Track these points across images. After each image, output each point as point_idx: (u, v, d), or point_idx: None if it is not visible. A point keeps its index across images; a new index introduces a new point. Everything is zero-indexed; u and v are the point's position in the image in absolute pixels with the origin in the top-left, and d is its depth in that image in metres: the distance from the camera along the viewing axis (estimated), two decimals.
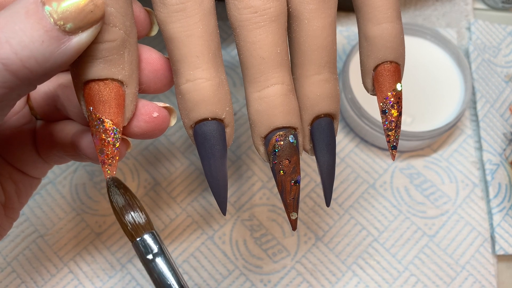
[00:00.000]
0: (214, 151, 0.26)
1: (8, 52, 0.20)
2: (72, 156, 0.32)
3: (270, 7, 0.25)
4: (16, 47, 0.20)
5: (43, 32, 0.21)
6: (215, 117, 0.26)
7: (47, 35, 0.21)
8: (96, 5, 0.22)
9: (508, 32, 0.52)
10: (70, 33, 0.21)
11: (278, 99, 0.26)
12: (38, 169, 0.34)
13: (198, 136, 0.26)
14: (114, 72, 0.24)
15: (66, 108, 0.31)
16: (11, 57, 0.20)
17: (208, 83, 0.25)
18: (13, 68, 0.21)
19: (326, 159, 0.28)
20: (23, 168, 0.33)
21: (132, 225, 0.24)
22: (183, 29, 0.25)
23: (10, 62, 0.20)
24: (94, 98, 0.24)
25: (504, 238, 0.44)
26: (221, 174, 0.26)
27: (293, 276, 0.42)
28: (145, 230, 0.24)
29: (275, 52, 0.25)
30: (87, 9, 0.21)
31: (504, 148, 0.47)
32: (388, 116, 0.28)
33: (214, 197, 0.27)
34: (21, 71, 0.21)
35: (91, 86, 0.24)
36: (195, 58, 0.25)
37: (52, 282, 0.41)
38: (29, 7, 0.21)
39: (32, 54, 0.21)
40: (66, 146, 0.32)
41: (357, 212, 0.45)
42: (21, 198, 0.33)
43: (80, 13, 0.21)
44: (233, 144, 0.47)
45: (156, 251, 0.24)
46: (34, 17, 0.20)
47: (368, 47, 0.28)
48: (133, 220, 0.24)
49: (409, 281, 0.42)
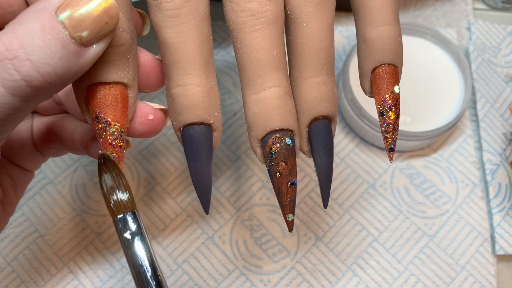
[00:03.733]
0: (200, 154, 0.26)
1: (29, 69, 0.21)
2: (71, 149, 0.33)
3: (267, 10, 0.25)
4: (37, 64, 0.21)
5: (61, 47, 0.21)
6: (203, 122, 0.26)
7: (65, 50, 0.21)
8: (110, 17, 0.22)
9: (508, 32, 0.52)
10: (86, 45, 0.22)
11: (275, 102, 0.26)
12: (34, 163, 0.34)
13: (185, 138, 0.27)
14: (121, 76, 0.25)
15: (64, 103, 0.32)
16: (33, 74, 0.21)
17: (198, 89, 0.26)
18: (35, 83, 0.21)
19: (323, 161, 0.28)
20: (20, 162, 0.34)
21: (115, 203, 0.24)
22: (177, 34, 0.25)
23: (32, 78, 0.21)
24: (101, 101, 0.25)
25: (504, 238, 0.44)
26: (205, 176, 0.27)
27: (293, 276, 0.42)
28: (127, 209, 0.24)
29: (272, 55, 0.25)
30: (102, 21, 0.22)
31: (504, 148, 0.47)
32: (385, 118, 0.28)
33: (198, 197, 0.27)
34: (42, 85, 0.21)
35: (97, 89, 0.25)
36: (187, 64, 0.25)
37: (52, 282, 0.41)
38: (45, 21, 0.21)
39: (52, 70, 0.21)
40: (65, 140, 0.32)
41: (357, 212, 0.45)
42: (17, 192, 0.34)
43: (95, 26, 0.21)
44: (233, 144, 0.47)
45: (134, 230, 0.24)
46: (51, 32, 0.21)
47: (366, 50, 0.28)
48: (117, 198, 0.24)
49: (409, 281, 0.42)
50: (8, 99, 0.21)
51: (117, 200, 0.25)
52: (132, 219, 0.25)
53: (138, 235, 0.24)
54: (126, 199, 0.25)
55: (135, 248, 0.24)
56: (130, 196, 0.25)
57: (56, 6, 0.21)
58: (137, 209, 0.25)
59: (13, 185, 0.33)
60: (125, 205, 0.25)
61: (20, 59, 0.21)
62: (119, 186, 0.25)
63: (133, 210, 0.25)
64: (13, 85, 0.21)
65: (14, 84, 0.21)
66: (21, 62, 0.21)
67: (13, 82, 0.21)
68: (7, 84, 0.21)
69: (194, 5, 0.25)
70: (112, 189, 0.24)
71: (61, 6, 0.21)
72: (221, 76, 0.49)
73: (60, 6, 0.21)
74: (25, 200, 0.44)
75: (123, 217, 0.24)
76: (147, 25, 0.29)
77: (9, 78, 0.21)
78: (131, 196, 0.25)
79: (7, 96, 0.21)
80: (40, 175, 0.45)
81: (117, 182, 0.25)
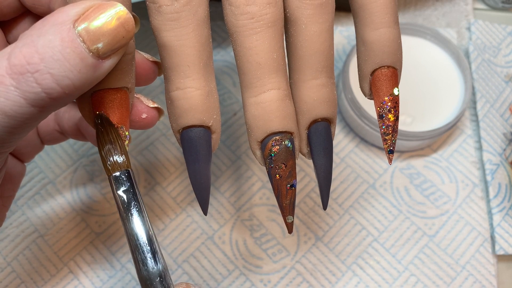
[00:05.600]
0: (199, 156, 0.27)
1: (50, 82, 0.21)
2: (75, 136, 0.34)
3: (267, 13, 0.25)
4: (57, 77, 0.21)
5: (79, 61, 0.22)
6: (202, 124, 0.26)
7: (83, 64, 0.22)
8: (127, 31, 0.22)
9: (508, 32, 0.52)
10: (103, 58, 0.22)
11: (274, 104, 0.26)
12: (32, 152, 0.35)
13: (184, 141, 0.27)
14: (126, 81, 0.26)
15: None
16: (53, 86, 0.21)
17: (197, 92, 0.26)
18: (55, 96, 0.22)
19: (323, 163, 0.28)
20: (20, 152, 0.35)
21: (110, 162, 0.25)
22: (176, 38, 0.25)
23: (53, 91, 0.22)
24: (108, 105, 0.26)
25: (504, 238, 0.44)
26: (204, 178, 0.27)
27: (293, 276, 0.42)
28: (121, 168, 0.25)
29: (272, 58, 0.25)
30: (119, 35, 0.22)
31: (504, 148, 0.47)
32: (385, 120, 0.28)
33: (196, 198, 0.28)
34: (61, 97, 0.22)
35: (104, 95, 0.25)
36: (186, 67, 0.26)
37: (52, 282, 0.41)
38: (63, 34, 0.21)
39: (71, 82, 0.22)
40: (70, 128, 0.34)
41: (357, 212, 0.45)
42: (14, 186, 0.35)
43: (112, 40, 0.22)
44: (233, 144, 0.47)
45: (126, 188, 0.25)
46: (70, 46, 0.21)
47: (365, 52, 0.28)
48: (113, 158, 0.25)
49: (409, 281, 0.42)
50: (27, 110, 0.22)
51: (113, 160, 0.25)
52: (126, 177, 0.25)
53: (131, 192, 0.25)
54: (122, 160, 0.25)
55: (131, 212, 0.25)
56: (125, 156, 0.26)
57: (74, 19, 0.22)
58: (131, 169, 0.26)
59: (10, 178, 0.34)
60: (120, 165, 0.25)
61: (42, 73, 0.21)
62: (115, 147, 0.25)
63: (127, 169, 0.25)
64: (34, 97, 0.21)
65: (35, 96, 0.21)
66: (42, 75, 0.21)
67: (34, 95, 0.21)
68: (28, 96, 0.21)
69: (193, 9, 0.25)
70: (109, 150, 0.25)
71: (79, 19, 0.22)
72: (221, 76, 0.49)
73: (78, 19, 0.22)
74: (25, 200, 0.44)
75: (116, 175, 0.25)
76: (138, 22, 0.29)
77: (30, 90, 0.21)
78: (126, 156, 0.26)
79: (26, 107, 0.22)
80: (40, 175, 0.45)
81: (114, 141, 0.26)
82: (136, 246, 0.25)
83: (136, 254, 0.25)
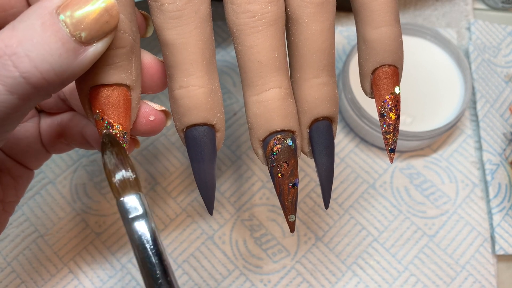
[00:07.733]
0: (204, 155, 0.27)
1: (28, 66, 0.21)
2: (79, 145, 0.33)
3: (268, 11, 0.25)
4: (35, 61, 0.21)
5: (60, 44, 0.21)
6: (206, 122, 0.26)
7: (64, 48, 0.21)
8: (111, 16, 0.22)
9: (508, 32, 0.52)
10: (86, 43, 0.22)
11: (276, 103, 0.26)
12: (38, 160, 0.35)
13: (188, 139, 0.27)
14: (123, 78, 0.25)
15: (69, 100, 0.32)
16: (31, 70, 0.21)
17: (200, 90, 0.26)
18: (33, 81, 0.21)
19: (324, 162, 0.28)
20: (25, 161, 0.34)
21: (119, 184, 0.24)
22: (179, 36, 0.25)
23: (30, 75, 0.21)
24: (103, 102, 0.25)
25: (504, 238, 0.44)
26: (209, 177, 0.27)
27: (293, 276, 0.42)
28: (132, 191, 0.24)
29: (273, 56, 0.25)
30: (102, 19, 0.22)
31: (504, 148, 0.47)
32: (386, 119, 0.28)
33: (202, 198, 0.27)
34: (40, 83, 0.21)
35: (99, 91, 0.25)
36: (189, 65, 0.25)
37: (52, 282, 0.41)
38: (45, 19, 0.21)
39: (51, 67, 0.21)
40: (75, 136, 0.33)
41: (357, 212, 0.45)
42: (18, 192, 0.34)
43: (95, 24, 0.21)
44: (233, 144, 0.47)
45: (140, 213, 0.24)
46: (51, 29, 0.21)
47: (366, 51, 0.28)
48: (122, 179, 0.24)
49: (409, 281, 0.42)
50: (6, 98, 0.21)
51: (122, 183, 0.24)
52: (138, 201, 0.24)
53: (144, 218, 0.23)
54: (132, 182, 0.24)
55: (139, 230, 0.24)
56: (135, 178, 0.24)
57: (57, 5, 0.21)
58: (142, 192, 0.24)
59: (14, 184, 0.33)
60: (131, 187, 0.24)
61: (19, 56, 0.20)
62: (124, 166, 0.24)
63: (138, 193, 0.24)
64: (12, 82, 0.21)
65: (12, 82, 0.21)
66: (19, 58, 0.20)
67: (12, 79, 0.21)
68: (6, 82, 0.21)
69: (195, 7, 0.25)
70: (116, 167, 0.24)
71: (61, 5, 0.21)
72: (221, 76, 0.49)
73: (61, 5, 0.21)
74: (25, 200, 0.44)
75: (126, 199, 0.23)
76: (151, 27, 0.29)
77: (7, 74, 0.21)
78: (136, 178, 0.24)
79: (5, 94, 0.21)
80: (40, 175, 0.45)
81: (123, 161, 0.24)
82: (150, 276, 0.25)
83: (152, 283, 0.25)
